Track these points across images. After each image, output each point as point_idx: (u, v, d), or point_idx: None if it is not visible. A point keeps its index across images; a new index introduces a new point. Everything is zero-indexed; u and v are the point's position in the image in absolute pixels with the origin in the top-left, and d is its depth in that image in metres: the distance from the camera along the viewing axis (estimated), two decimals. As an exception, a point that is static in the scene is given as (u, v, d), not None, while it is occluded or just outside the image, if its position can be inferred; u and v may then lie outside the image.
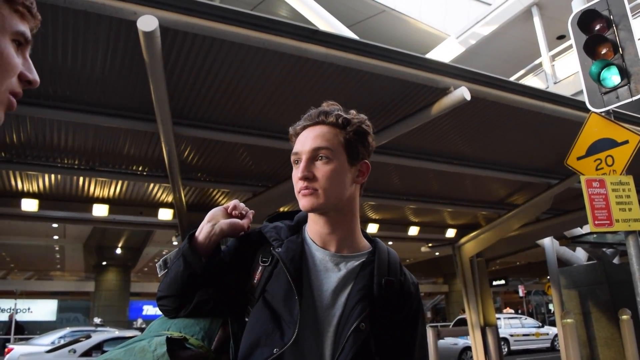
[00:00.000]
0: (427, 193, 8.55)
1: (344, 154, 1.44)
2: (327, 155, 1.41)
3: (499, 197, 9.04)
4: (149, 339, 1.33)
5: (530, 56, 16.15)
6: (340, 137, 1.44)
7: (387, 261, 1.46)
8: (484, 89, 4.97)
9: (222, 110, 5.08)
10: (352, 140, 1.45)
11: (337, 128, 1.46)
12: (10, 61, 0.80)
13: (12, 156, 5.98)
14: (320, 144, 1.42)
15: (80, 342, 12.37)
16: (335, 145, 1.43)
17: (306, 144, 1.43)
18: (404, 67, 4.52)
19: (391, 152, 6.29)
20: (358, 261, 1.44)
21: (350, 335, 1.31)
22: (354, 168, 1.46)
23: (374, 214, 9.90)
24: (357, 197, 1.51)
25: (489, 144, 6.50)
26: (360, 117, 1.51)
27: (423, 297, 25.89)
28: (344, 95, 4.87)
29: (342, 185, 1.42)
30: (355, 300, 1.36)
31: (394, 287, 1.41)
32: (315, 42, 4.10)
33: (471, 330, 10.69)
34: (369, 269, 1.42)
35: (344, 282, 1.40)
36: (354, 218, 1.49)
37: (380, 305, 1.37)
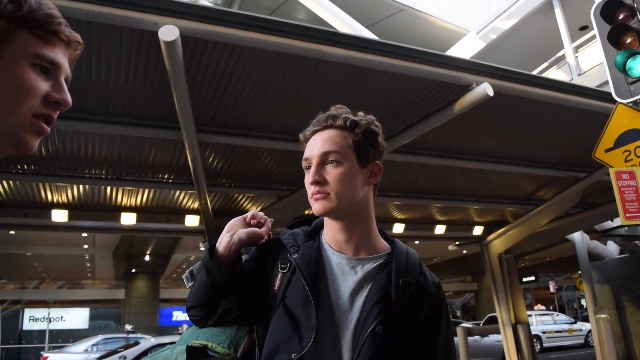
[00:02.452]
0: (453, 191, 8.48)
1: (354, 156, 1.44)
2: (336, 159, 1.42)
3: (526, 192, 8.92)
4: (171, 348, 1.37)
5: (552, 48, 15.89)
6: (349, 139, 1.44)
7: (405, 262, 1.45)
8: (507, 84, 4.91)
9: (244, 116, 5.11)
10: (361, 142, 1.45)
11: (345, 131, 1.46)
12: (27, 85, 0.81)
13: (41, 169, 6.12)
14: (329, 148, 1.43)
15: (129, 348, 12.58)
16: (344, 148, 1.43)
17: (315, 149, 1.44)
18: (425, 65, 4.49)
19: (415, 151, 6.26)
20: (375, 263, 1.44)
21: (367, 338, 1.31)
22: (365, 169, 1.46)
23: (400, 213, 9.85)
24: (371, 198, 1.50)
25: (513, 139, 6.42)
26: (368, 118, 1.50)
27: (451, 296, 25.58)
28: (366, 96, 4.87)
29: (354, 187, 1.42)
30: (372, 303, 1.36)
31: (412, 288, 1.39)
32: (334, 45, 4.10)
33: (502, 328, 10.56)
34: (387, 270, 1.42)
35: (361, 284, 1.40)
36: (369, 220, 1.49)
37: (398, 307, 1.35)
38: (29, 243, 20.04)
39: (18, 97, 0.80)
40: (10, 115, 0.80)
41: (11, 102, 0.79)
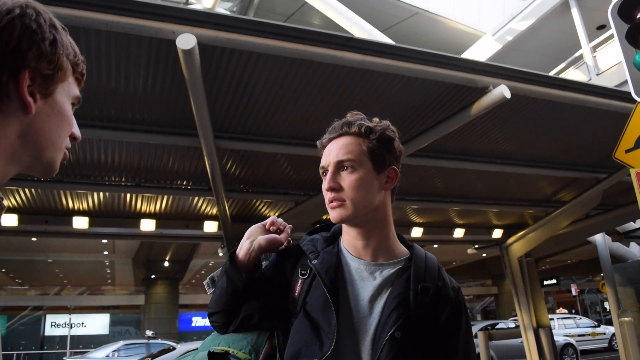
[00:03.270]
0: (471, 194, 8.43)
1: (369, 162, 1.44)
2: (351, 165, 1.43)
3: (546, 194, 8.84)
4: (193, 354, 1.38)
5: (570, 48, 15.74)
6: (363, 146, 1.45)
7: (424, 267, 1.45)
8: (524, 86, 4.88)
9: (261, 122, 5.14)
10: (376, 148, 1.45)
11: (360, 137, 1.47)
12: (70, 120, 0.94)
13: (62, 176, 6.21)
14: (344, 155, 1.44)
15: (165, 353, 12.64)
16: (359, 155, 1.44)
17: (331, 156, 1.45)
18: (441, 68, 4.48)
19: (432, 155, 6.24)
20: (394, 268, 1.44)
21: (386, 343, 1.31)
22: (382, 175, 1.46)
23: (418, 217, 9.81)
24: (389, 204, 1.50)
25: (532, 141, 6.37)
26: (383, 124, 1.50)
27: (471, 300, 25.26)
28: (382, 101, 4.87)
29: (370, 193, 1.43)
30: (391, 308, 1.36)
31: (430, 293, 1.39)
32: (350, 50, 4.12)
33: (523, 332, 10.44)
34: (405, 275, 1.42)
35: (380, 290, 1.41)
36: (387, 225, 1.49)
37: (416, 312, 1.35)
38: (50, 250, 20.31)
39: (65, 130, 0.93)
40: (56, 144, 0.91)
41: (60, 133, 0.92)
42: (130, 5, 3.44)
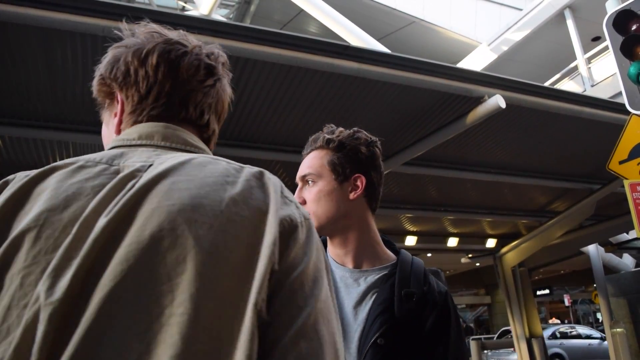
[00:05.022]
0: (466, 203, 8.44)
1: (330, 173, 1.46)
2: (311, 179, 1.47)
3: (540, 204, 8.86)
4: None
5: (565, 60, 15.85)
6: (325, 158, 1.48)
7: (409, 272, 1.43)
8: (519, 96, 4.91)
9: (257, 129, 5.14)
10: (335, 158, 1.47)
11: (323, 150, 1.50)
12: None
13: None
14: (305, 170, 1.49)
15: None
16: (319, 168, 1.47)
17: (299, 172, 1.51)
18: (437, 78, 4.50)
19: (427, 164, 6.25)
20: (379, 274, 1.43)
21: (369, 350, 1.30)
22: (346, 184, 1.47)
23: (412, 226, 9.82)
24: (364, 210, 1.50)
25: (526, 151, 6.39)
26: (345, 134, 1.52)
27: (464, 309, 25.14)
28: (378, 109, 4.88)
29: (332, 203, 1.44)
30: (375, 315, 1.35)
31: (415, 299, 1.37)
32: (347, 58, 4.13)
33: (516, 343, 10.44)
34: (391, 281, 1.41)
35: (364, 296, 1.40)
36: (365, 232, 1.48)
37: (401, 319, 1.34)
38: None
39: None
40: None
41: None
42: (127, 11, 3.44)
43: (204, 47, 1.00)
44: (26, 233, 0.69)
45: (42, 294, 0.62)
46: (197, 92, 0.95)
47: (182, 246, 0.64)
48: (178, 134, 0.89)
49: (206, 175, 0.73)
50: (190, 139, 0.90)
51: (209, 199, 0.69)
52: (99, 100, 1.03)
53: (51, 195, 0.72)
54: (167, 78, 0.93)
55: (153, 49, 0.94)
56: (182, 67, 0.94)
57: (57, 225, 0.69)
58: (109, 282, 0.62)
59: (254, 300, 0.64)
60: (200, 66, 0.96)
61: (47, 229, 0.68)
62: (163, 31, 0.98)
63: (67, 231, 0.68)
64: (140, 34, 0.97)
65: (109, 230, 0.66)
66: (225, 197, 0.71)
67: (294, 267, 0.70)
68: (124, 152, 0.83)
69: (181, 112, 0.93)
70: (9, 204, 0.74)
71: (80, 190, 0.73)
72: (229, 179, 0.74)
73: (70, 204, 0.71)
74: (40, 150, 5.25)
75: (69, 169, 0.77)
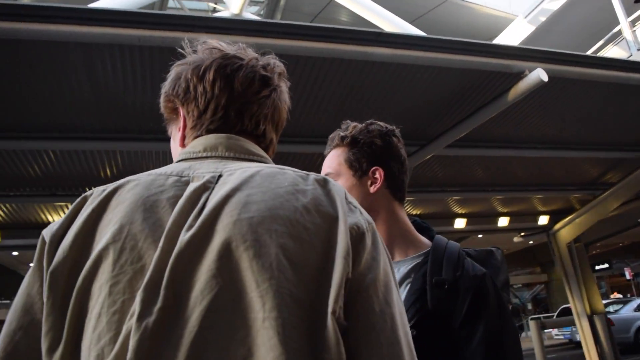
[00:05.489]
0: (514, 181, 8.26)
1: (348, 170, 1.47)
2: (331, 178, 1.46)
3: (592, 177, 8.58)
4: None
5: (607, 25, 15.22)
6: (341, 156, 1.49)
7: (441, 259, 1.39)
8: (561, 68, 4.75)
9: (296, 123, 5.16)
10: (350, 154, 1.48)
11: (339, 148, 1.51)
12: None
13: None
14: (324, 170, 1.51)
15: None
16: (337, 166, 1.48)
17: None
18: (474, 56, 4.40)
19: (471, 144, 6.14)
20: (412, 264, 1.42)
21: None
22: (364, 179, 1.47)
23: (460, 208, 9.68)
24: (389, 202, 1.48)
25: (573, 123, 6.19)
26: (358, 128, 1.51)
27: (520, 289, 24.68)
28: (415, 94, 4.82)
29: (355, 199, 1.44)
30: (407, 306, 1.32)
31: (446, 286, 1.33)
32: (380, 45, 4.09)
33: (577, 320, 10.17)
34: (423, 270, 1.38)
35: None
36: (393, 223, 1.47)
37: (433, 308, 1.31)
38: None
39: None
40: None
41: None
42: (161, 19, 3.51)
43: (260, 58, 1.05)
44: (110, 245, 0.74)
45: (138, 305, 0.67)
46: (252, 104, 0.99)
47: (266, 254, 0.68)
48: (240, 144, 0.94)
49: (278, 186, 0.77)
50: (253, 149, 0.95)
51: (283, 209, 0.73)
52: (165, 115, 1.09)
53: (130, 209, 0.77)
54: (223, 92, 0.96)
55: (210, 64, 0.98)
56: (237, 80, 0.97)
57: (139, 237, 0.74)
58: (207, 294, 0.67)
59: (331, 308, 0.67)
60: (255, 78, 1.00)
61: (130, 241, 0.74)
62: (222, 46, 1.02)
63: (149, 242, 0.73)
64: (200, 51, 1.02)
65: (193, 244, 0.71)
66: (299, 206, 0.74)
67: (366, 274, 0.73)
68: (191, 165, 0.88)
69: (237, 124, 0.97)
70: (91, 218, 0.80)
71: (157, 203, 0.78)
72: (298, 188, 0.78)
73: (149, 216, 0.76)
74: (90, 161, 5.42)
75: (142, 182, 0.82)
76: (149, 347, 0.65)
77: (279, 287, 0.66)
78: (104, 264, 0.73)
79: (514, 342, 1.35)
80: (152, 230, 0.74)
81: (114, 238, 0.74)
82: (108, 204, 0.81)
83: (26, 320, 0.76)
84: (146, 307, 0.67)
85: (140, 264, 0.71)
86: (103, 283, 0.71)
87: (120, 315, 0.69)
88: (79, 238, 0.77)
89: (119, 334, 0.67)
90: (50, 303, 0.74)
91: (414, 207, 9.01)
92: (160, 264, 0.70)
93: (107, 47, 3.58)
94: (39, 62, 3.70)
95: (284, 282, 0.67)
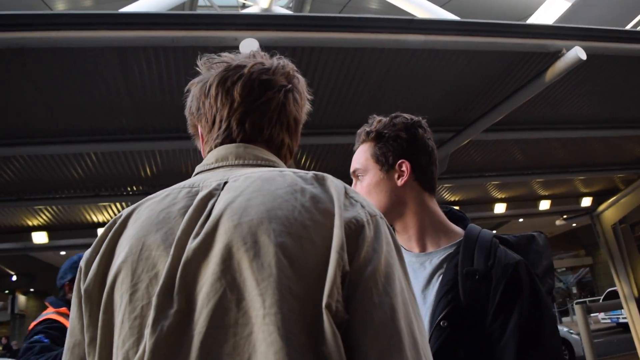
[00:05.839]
0: (554, 163, 8.09)
1: (375, 165, 1.48)
2: (360, 174, 1.52)
3: (635, 155, 8.32)
4: None
5: (648, -3, 14.69)
6: (368, 151, 1.51)
7: (473, 248, 1.37)
8: (600, 44, 4.60)
9: (330, 115, 5.17)
10: (376, 149, 1.49)
11: (366, 143, 1.54)
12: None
13: (149, 188, 6.51)
14: (353, 166, 1.54)
15: None
16: (364, 162, 1.51)
17: (350, 170, 1.57)
18: (508, 38, 4.31)
19: (508, 128, 6.04)
20: (444, 254, 1.41)
21: (433, 333, 1.27)
22: (392, 172, 1.47)
23: (500, 193, 9.53)
24: (418, 194, 1.48)
25: (615, 101, 6.01)
26: (382, 122, 1.53)
27: (564, 273, 24.17)
28: (449, 80, 4.76)
29: (382, 194, 1.46)
30: (439, 297, 1.33)
31: (477, 277, 1.30)
32: (412, 32, 4.04)
33: (625, 304, 9.92)
34: (455, 260, 1.37)
35: (430, 279, 1.39)
36: (423, 215, 1.47)
37: (465, 299, 1.29)
38: None
39: None
40: None
41: None
42: (193, 19, 3.56)
43: (267, 62, 1.07)
44: (129, 257, 0.80)
45: (153, 310, 0.71)
46: (252, 112, 1.01)
47: (266, 254, 0.71)
48: (249, 151, 0.97)
49: (277, 188, 0.80)
50: (262, 154, 0.98)
51: (282, 209, 0.76)
52: (192, 133, 1.18)
53: (146, 223, 0.83)
54: (224, 105, 1.01)
55: (213, 80, 1.03)
56: (236, 91, 1.00)
57: (152, 246, 0.79)
58: (213, 297, 0.71)
59: (325, 302, 0.69)
60: (254, 85, 1.01)
61: (145, 252, 0.79)
62: (228, 58, 1.07)
63: (161, 250, 0.79)
64: (209, 66, 1.09)
65: (200, 250, 0.75)
66: (297, 205, 0.77)
67: (365, 266, 0.74)
68: (204, 177, 0.92)
69: (240, 134, 1.00)
70: (114, 237, 0.87)
71: (169, 215, 0.83)
72: (297, 187, 0.80)
73: (162, 227, 0.81)
74: (130, 162, 5.56)
75: (158, 198, 0.88)
76: (165, 348, 0.70)
77: (278, 284, 0.68)
78: (123, 274, 0.79)
79: (552, 334, 1.30)
80: (164, 240, 0.79)
81: (131, 251, 0.80)
82: (128, 221, 0.87)
83: (72, 341, 0.85)
84: (160, 312, 0.72)
85: (154, 272, 0.77)
86: (124, 292, 0.77)
87: (141, 320, 0.74)
88: (105, 256, 0.85)
89: (141, 337, 0.73)
90: (87, 318, 0.82)
91: (453, 194, 8.92)
92: (172, 270, 0.75)
93: (142, 50, 3.66)
94: (77, 69, 3.80)
95: (283, 280, 0.69)
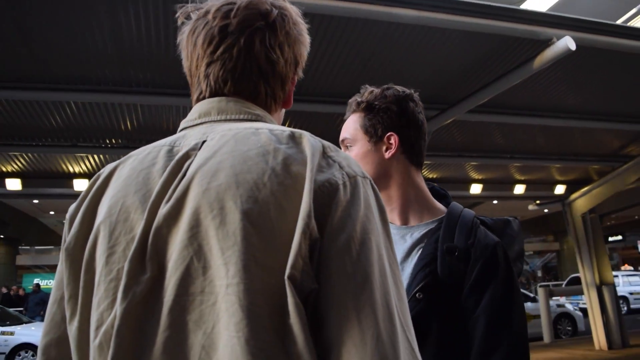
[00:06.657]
0: (533, 149, 8.20)
1: (364, 136, 1.47)
2: (349, 143, 1.49)
3: (612, 149, 8.48)
4: None
5: (641, -8, 14.71)
6: (358, 122, 1.48)
7: (454, 226, 1.39)
8: (590, 37, 4.63)
9: (317, 83, 5.15)
10: (366, 119, 1.47)
11: (356, 113, 1.50)
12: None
13: (128, 142, 6.44)
14: (342, 135, 1.51)
15: None
16: (353, 132, 1.48)
17: (339, 139, 1.53)
18: (500, 21, 4.31)
19: (492, 111, 6.08)
20: (426, 229, 1.43)
21: (408, 304, 1.30)
22: (380, 144, 1.46)
23: (477, 174, 9.65)
24: (405, 167, 1.48)
25: (598, 94, 6.08)
26: (374, 93, 1.50)
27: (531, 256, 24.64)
28: (439, 57, 4.76)
29: (369, 165, 1.45)
30: (417, 270, 1.35)
31: (457, 254, 1.33)
32: (405, 6, 4.01)
33: (586, 290, 10.23)
34: (436, 236, 1.39)
35: (410, 252, 1.41)
36: (408, 188, 1.48)
37: (443, 274, 1.32)
38: None
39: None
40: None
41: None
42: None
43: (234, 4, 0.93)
44: (107, 218, 0.78)
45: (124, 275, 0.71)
46: (214, 63, 0.91)
47: (231, 222, 0.68)
48: (231, 105, 0.90)
49: (249, 149, 0.75)
50: (245, 107, 0.90)
51: (251, 173, 0.72)
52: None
53: (125, 183, 0.81)
54: (192, 58, 0.93)
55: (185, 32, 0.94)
56: (198, 43, 0.91)
57: (131, 209, 0.78)
58: (180, 264, 0.70)
59: (288, 272, 0.66)
60: (213, 33, 0.90)
61: (124, 213, 0.78)
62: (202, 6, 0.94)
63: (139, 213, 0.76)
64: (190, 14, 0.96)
65: (170, 216, 0.73)
66: (268, 168, 0.72)
67: (338, 233, 0.70)
68: (186, 133, 0.87)
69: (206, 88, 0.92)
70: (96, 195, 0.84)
71: (148, 175, 0.80)
72: (269, 148, 0.75)
73: (140, 189, 0.79)
74: (111, 114, 5.47)
75: (140, 156, 0.85)
76: (135, 314, 0.69)
77: (242, 253, 0.66)
78: (102, 236, 0.77)
79: (520, 315, 1.34)
80: (142, 202, 0.77)
81: (110, 212, 0.78)
82: (110, 179, 0.84)
83: (58, 295, 0.84)
84: (132, 277, 0.71)
85: (131, 235, 0.75)
86: (101, 253, 0.76)
87: (116, 283, 0.73)
88: (87, 215, 0.83)
89: (115, 300, 0.72)
90: (67, 275, 0.81)
91: (431, 171, 9.00)
92: (144, 235, 0.73)
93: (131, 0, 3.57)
94: (63, 14, 3.70)
95: (248, 248, 0.66)
